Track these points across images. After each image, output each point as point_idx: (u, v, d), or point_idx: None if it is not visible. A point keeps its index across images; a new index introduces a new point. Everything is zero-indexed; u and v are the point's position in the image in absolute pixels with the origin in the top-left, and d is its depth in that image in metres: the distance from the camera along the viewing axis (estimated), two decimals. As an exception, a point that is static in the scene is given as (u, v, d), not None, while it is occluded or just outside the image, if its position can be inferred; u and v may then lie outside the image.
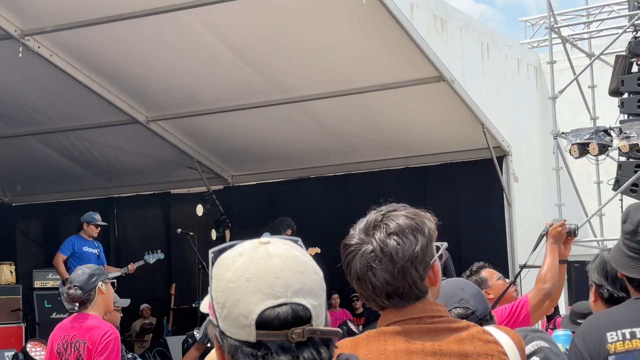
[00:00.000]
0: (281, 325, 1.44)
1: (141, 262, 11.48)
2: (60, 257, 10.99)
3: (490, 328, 2.08)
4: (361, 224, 2.01)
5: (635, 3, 12.40)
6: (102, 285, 4.86)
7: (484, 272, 4.87)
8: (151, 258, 11.63)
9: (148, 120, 12.07)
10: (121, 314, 5.61)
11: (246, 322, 1.45)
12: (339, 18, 9.56)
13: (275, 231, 11.42)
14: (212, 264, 1.54)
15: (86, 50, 10.51)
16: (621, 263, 2.46)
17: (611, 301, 2.86)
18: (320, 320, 1.49)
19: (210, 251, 1.56)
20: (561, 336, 3.65)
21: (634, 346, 2.30)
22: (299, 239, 1.58)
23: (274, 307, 1.45)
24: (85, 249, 11.15)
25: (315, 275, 1.52)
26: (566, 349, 2.91)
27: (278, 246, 1.52)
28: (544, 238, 4.60)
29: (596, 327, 2.31)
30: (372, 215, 2.01)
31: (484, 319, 2.68)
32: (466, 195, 11.71)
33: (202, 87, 11.16)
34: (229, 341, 1.47)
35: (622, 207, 12.38)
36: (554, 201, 12.89)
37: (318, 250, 10.85)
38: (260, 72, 10.65)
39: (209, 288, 1.54)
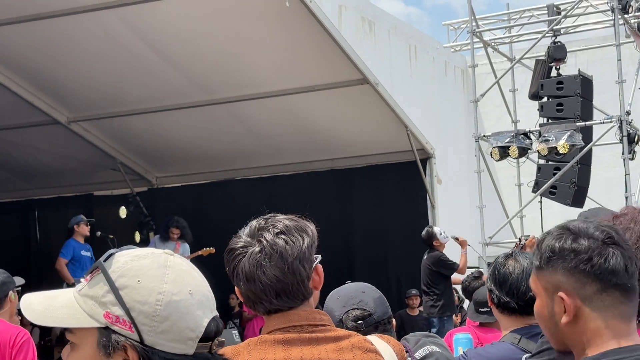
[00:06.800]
0: (210, 338, 1.48)
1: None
2: (62, 261, 10.80)
3: (372, 337, 2.11)
4: (245, 230, 2.05)
5: (554, 9, 12.67)
6: (12, 294, 4.81)
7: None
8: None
9: (69, 121, 11.88)
10: (19, 317, 5.48)
11: (193, 335, 1.45)
12: (262, 20, 9.54)
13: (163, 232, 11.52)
14: (106, 273, 1.45)
15: (4, 49, 10.29)
16: None
17: (500, 306, 2.94)
18: None
19: (101, 260, 1.47)
20: (462, 339, 3.70)
21: None
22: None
23: (210, 320, 1.48)
24: (83, 252, 10.98)
25: None
26: (464, 353, 2.94)
27: (183, 259, 1.54)
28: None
29: None
30: (255, 222, 2.06)
31: (381, 322, 2.72)
32: (391, 196, 11.79)
33: (124, 87, 11.02)
34: (160, 355, 1.43)
35: (541, 208, 12.60)
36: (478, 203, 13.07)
37: (212, 250, 10.92)
38: (184, 73, 10.57)
39: (109, 299, 1.44)
